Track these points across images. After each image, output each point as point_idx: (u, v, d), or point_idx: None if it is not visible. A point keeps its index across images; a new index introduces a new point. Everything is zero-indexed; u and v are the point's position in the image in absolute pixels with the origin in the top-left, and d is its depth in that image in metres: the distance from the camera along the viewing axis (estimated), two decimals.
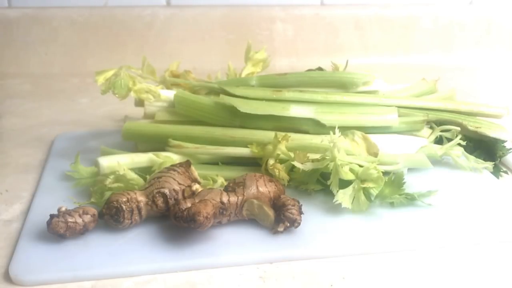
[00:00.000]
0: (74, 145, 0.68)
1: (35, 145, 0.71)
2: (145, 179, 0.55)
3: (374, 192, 0.53)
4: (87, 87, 0.92)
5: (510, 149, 0.65)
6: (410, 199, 0.54)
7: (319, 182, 0.57)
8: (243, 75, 0.71)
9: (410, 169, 0.61)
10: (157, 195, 0.50)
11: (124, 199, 0.49)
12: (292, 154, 0.56)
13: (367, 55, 1.10)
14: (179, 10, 1.04)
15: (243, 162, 0.60)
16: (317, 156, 0.56)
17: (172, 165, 0.54)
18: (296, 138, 0.59)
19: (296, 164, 0.55)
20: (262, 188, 0.52)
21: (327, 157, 0.54)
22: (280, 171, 0.56)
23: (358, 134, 0.58)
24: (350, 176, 0.53)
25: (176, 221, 0.48)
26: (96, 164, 0.57)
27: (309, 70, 0.76)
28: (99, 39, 1.01)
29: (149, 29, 1.03)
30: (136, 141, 0.63)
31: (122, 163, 0.55)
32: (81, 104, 0.87)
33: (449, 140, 0.64)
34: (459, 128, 0.65)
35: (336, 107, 0.62)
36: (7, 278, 0.45)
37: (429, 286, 0.45)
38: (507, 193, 0.59)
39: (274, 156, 0.57)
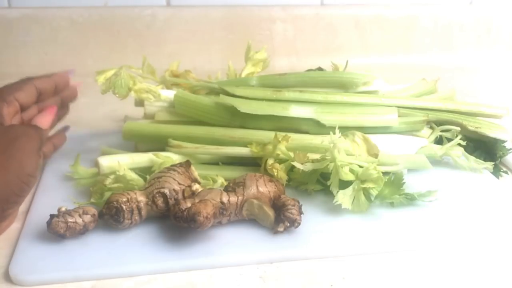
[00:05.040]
0: (74, 145, 0.68)
1: None
2: (145, 179, 0.55)
3: (374, 192, 0.53)
4: (87, 87, 0.92)
5: (510, 149, 0.65)
6: (410, 199, 0.54)
7: (319, 183, 0.57)
8: (243, 75, 0.71)
9: (410, 169, 0.61)
10: (157, 195, 0.50)
11: (124, 199, 0.49)
12: (292, 154, 0.56)
13: (367, 55, 1.10)
14: (179, 10, 1.03)
15: (243, 162, 0.60)
16: (317, 156, 0.56)
17: (172, 165, 0.54)
18: (296, 138, 0.59)
19: (296, 164, 0.55)
20: (262, 188, 0.52)
21: (327, 158, 0.54)
22: (279, 171, 0.56)
23: (359, 135, 0.58)
24: (350, 177, 0.53)
25: (176, 221, 0.48)
26: (96, 164, 0.57)
27: (309, 70, 0.76)
28: (99, 39, 1.01)
29: (149, 29, 1.02)
30: (136, 141, 0.63)
31: (122, 163, 0.55)
32: (81, 104, 0.87)
33: (449, 140, 0.64)
34: (459, 128, 0.65)
35: (336, 107, 0.62)
36: (7, 278, 0.45)
37: (429, 286, 0.45)
38: (507, 193, 0.60)
39: (274, 156, 0.57)
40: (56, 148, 0.63)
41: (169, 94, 0.64)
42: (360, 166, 0.54)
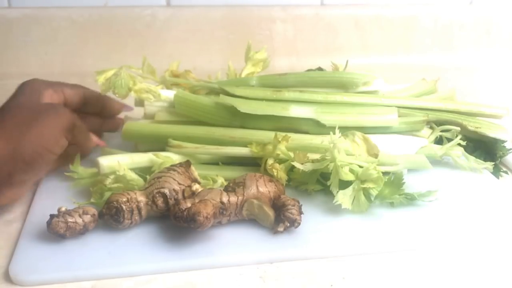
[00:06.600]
0: None
1: None
2: (145, 179, 0.55)
3: (374, 192, 0.53)
4: (87, 87, 0.92)
5: (510, 149, 0.65)
6: (410, 199, 0.54)
7: (319, 182, 0.57)
8: (243, 75, 0.71)
9: (410, 169, 0.61)
10: (157, 195, 0.50)
11: (124, 199, 0.49)
12: (292, 154, 0.56)
13: (367, 55, 1.10)
14: (179, 10, 1.03)
15: (243, 162, 0.60)
16: (317, 156, 0.56)
17: (172, 165, 0.54)
18: (296, 138, 0.59)
19: (296, 164, 0.55)
20: (262, 188, 0.52)
21: (327, 158, 0.54)
22: (279, 171, 0.56)
23: (359, 135, 0.58)
24: (350, 177, 0.53)
25: (176, 221, 0.48)
26: (96, 164, 0.57)
27: (309, 70, 0.76)
28: (99, 39, 1.01)
29: (149, 29, 1.02)
30: (136, 141, 0.63)
31: (122, 163, 0.55)
32: None
33: (449, 140, 0.64)
34: (459, 128, 0.65)
35: (336, 107, 0.62)
36: (7, 278, 0.45)
37: (429, 286, 0.45)
38: (507, 193, 0.60)
39: (274, 156, 0.57)
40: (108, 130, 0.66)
41: (169, 94, 0.64)
42: (360, 166, 0.54)
